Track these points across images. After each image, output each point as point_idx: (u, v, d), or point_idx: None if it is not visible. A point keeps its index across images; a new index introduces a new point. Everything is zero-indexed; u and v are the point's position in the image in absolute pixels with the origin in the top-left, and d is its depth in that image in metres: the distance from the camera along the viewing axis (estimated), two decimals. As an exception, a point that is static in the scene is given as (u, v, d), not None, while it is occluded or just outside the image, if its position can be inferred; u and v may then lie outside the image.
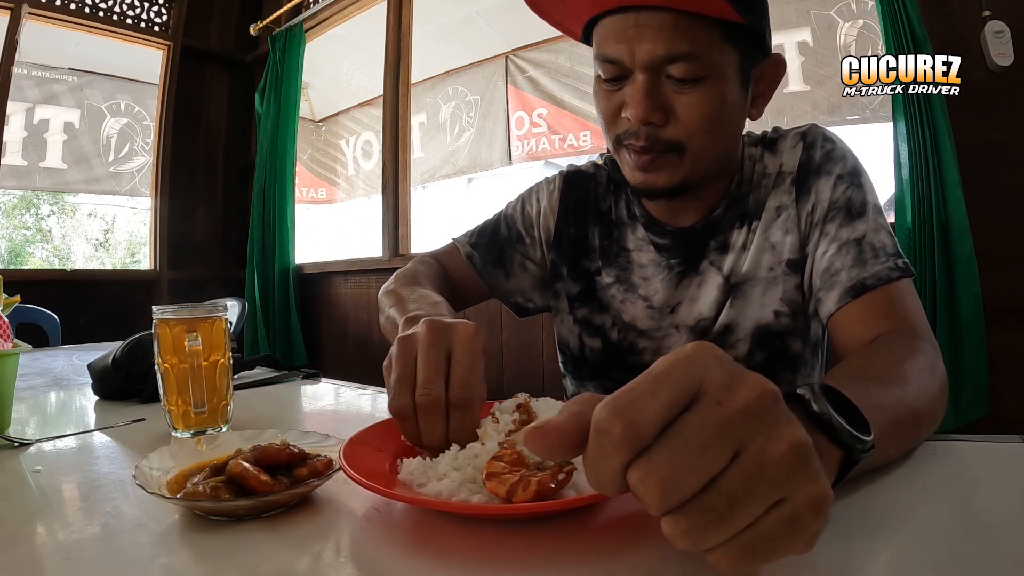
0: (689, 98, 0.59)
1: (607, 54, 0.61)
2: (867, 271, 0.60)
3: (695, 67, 0.58)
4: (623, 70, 0.61)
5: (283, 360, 1.44)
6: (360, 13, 3.02)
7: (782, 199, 0.68)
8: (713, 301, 0.70)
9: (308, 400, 0.85)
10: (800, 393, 0.34)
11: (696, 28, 0.57)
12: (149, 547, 0.35)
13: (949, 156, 1.47)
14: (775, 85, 0.67)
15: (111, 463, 0.52)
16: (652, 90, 0.59)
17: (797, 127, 0.72)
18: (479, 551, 0.33)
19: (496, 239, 0.83)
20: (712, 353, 0.25)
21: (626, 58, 0.59)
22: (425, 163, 3.04)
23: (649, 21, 0.57)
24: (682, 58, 0.58)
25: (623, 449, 0.23)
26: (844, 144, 0.69)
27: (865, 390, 0.40)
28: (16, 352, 0.62)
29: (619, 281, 0.76)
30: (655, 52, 0.58)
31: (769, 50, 0.65)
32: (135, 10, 3.17)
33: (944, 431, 0.50)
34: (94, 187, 3.24)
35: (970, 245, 1.45)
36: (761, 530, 0.23)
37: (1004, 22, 1.49)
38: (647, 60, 0.58)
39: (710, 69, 0.59)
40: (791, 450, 0.23)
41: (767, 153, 0.71)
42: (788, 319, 0.68)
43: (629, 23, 0.58)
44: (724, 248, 0.70)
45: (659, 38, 0.57)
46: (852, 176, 0.66)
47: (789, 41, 1.96)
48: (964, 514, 0.37)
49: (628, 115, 0.61)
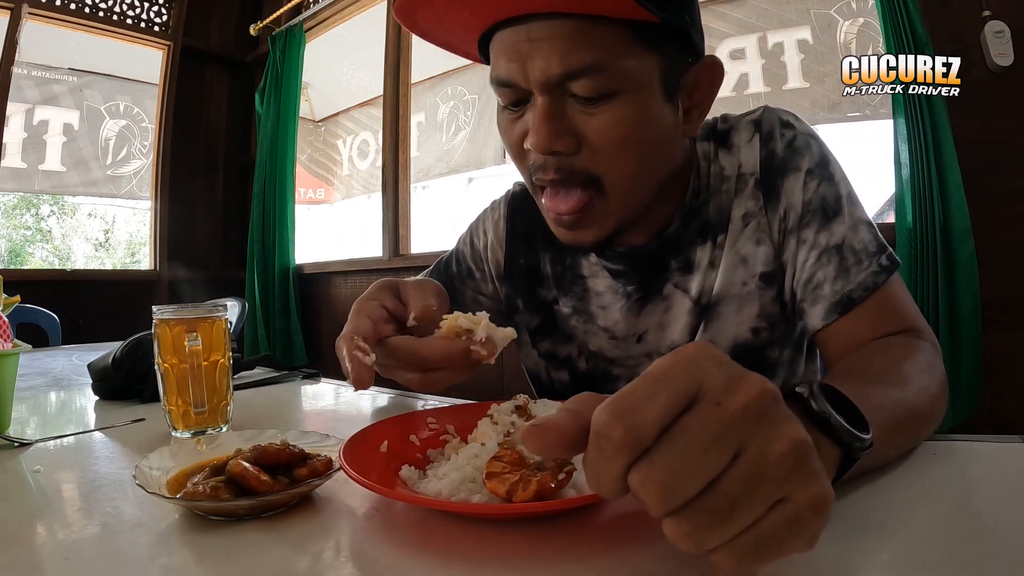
0: (599, 119, 0.51)
1: (500, 76, 0.53)
2: (852, 281, 0.56)
3: (602, 81, 0.49)
4: (521, 93, 0.53)
5: (283, 360, 1.44)
6: (360, 13, 3.02)
7: (748, 205, 0.61)
8: (684, 326, 0.64)
9: (308, 400, 0.85)
10: (799, 391, 0.34)
11: (599, 34, 0.48)
12: (149, 547, 0.35)
13: (951, 157, 1.47)
14: (713, 94, 0.57)
15: (111, 463, 0.52)
16: (554, 113, 0.51)
17: (749, 113, 0.64)
18: (479, 551, 0.33)
19: (447, 276, 0.79)
20: (711, 353, 0.25)
21: (520, 79, 0.51)
22: (420, 162, 3.04)
23: (541, 33, 0.49)
24: (584, 72, 0.49)
25: (624, 453, 0.23)
26: (804, 125, 0.62)
27: (865, 390, 0.40)
28: (16, 352, 0.62)
29: (577, 312, 0.70)
30: (550, 69, 0.49)
31: (700, 52, 0.56)
32: (135, 10, 3.17)
33: (941, 430, 0.50)
34: (92, 190, 3.24)
35: (971, 246, 1.45)
36: (763, 530, 0.23)
37: (1004, 22, 1.49)
38: (543, 79, 0.50)
39: (621, 81, 0.50)
40: (791, 450, 0.23)
41: (721, 151, 0.63)
42: (767, 332, 0.63)
43: (520, 37, 0.50)
44: (688, 267, 0.64)
45: (553, 52, 0.49)
46: (821, 168, 0.59)
47: (789, 39, 1.96)
48: (964, 514, 0.37)
49: (529, 144, 0.53)
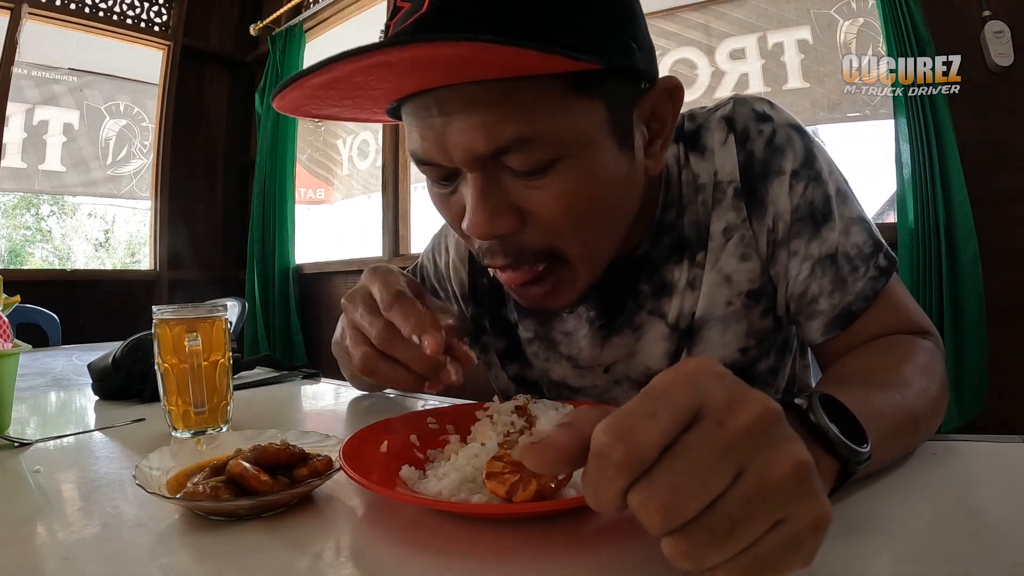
0: (542, 192, 0.44)
1: (417, 155, 0.46)
2: (850, 293, 0.53)
3: (537, 152, 0.42)
4: (447, 169, 0.46)
5: (283, 360, 1.44)
6: (360, 13, 3.01)
7: (728, 218, 0.56)
8: (663, 353, 0.59)
9: (308, 400, 0.84)
10: (798, 403, 0.34)
11: (524, 97, 0.41)
12: (149, 547, 0.35)
13: (953, 156, 1.47)
14: (674, 119, 0.50)
15: (111, 463, 0.52)
16: (489, 192, 0.44)
17: (718, 107, 0.58)
18: (479, 551, 0.33)
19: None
20: (713, 370, 0.25)
21: (442, 158, 0.44)
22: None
23: (455, 104, 0.42)
24: (514, 146, 0.42)
25: (624, 473, 0.23)
26: (781, 113, 0.56)
27: (865, 396, 0.40)
28: (16, 352, 0.62)
29: (538, 337, 0.65)
30: (475, 147, 0.42)
31: (653, 75, 0.47)
32: (135, 10, 3.17)
33: (944, 431, 0.50)
34: (92, 190, 3.25)
35: (975, 246, 1.45)
36: (762, 550, 0.23)
37: (1004, 22, 1.49)
38: (467, 158, 0.43)
39: (560, 147, 0.42)
40: (793, 471, 0.23)
41: (693, 155, 0.57)
42: (756, 348, 0.59)
43: (431, 111, 0.43)
44: (663, 290, 0.58)
45: (472, 127, 0.41)
46: (806, 167, 0.54)
47: (789, 39, 1.96)
48: (964, 514, 0.37)
49: (466, 230, 0.46)
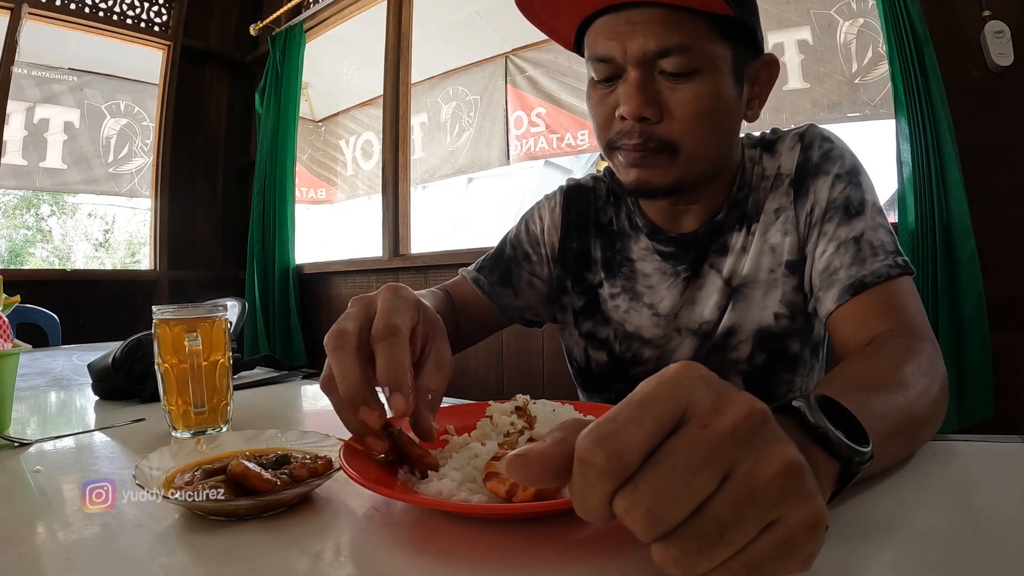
0: (683, 93, 0.59)
1: (599, 52, 0.61)
2: (866, 268, 0.60)
3: (688, 60, 0.58)
4: (616, 68, 0.61)
5: (283, 360, 1.44)
6: (360, 13, 3.01)
7: (780, 201, 0.69)
8: (715, 304, 0.70)
9: (308, 400, 0.85)
10: (796, 405, 0.33)
11: (687, 21, 0.58)
12: (149, 547, 0.35)
13: (951, 155, 1.47)
14: (769, 87, 0.67)
15: (111, 463, 0.52)
16: (646, 85, 0.59)
17: (796, 128, 0.72)
18: (479, 551, 0.33)
19: (501, 260, 0.84)
20: (698, 373, 0.24)
21: (618, 55, 0.60)
22: (425, 163, 3.04)
23: (639, 17, 0.58)
24: (674, 51, 0.58)
25: (608, 479, 0.23)
26: (843, 143, 0.69)
27: (865, 398, 0.40)
28: (16, 352, 0.62)
29: (624, 291, 0.76)
30: (647, 46, 0.58)
31: (762, 49, 0.65)
32: (135, 10, 3.17)
33: (946, 431, 0.50)
34: (93, 188, 3.24)
35: (972, 245, 1.45)
36: (754, 554, 0.22)
37: (1004, 22, 1.49)
38: (639, 55, 0.59)
39: (703, 62, 0.59)
40: (782, 471, 0.22)
41: (766, 155, 0.71)
42: (787, 320, 0.68)
43: (620, 20, 0.59)
44: (723, 250, 0.71)
45: (650, 32, 0.58)
46: (850, 175, 0.65)
47: (789, 39, 1.95)
48: (965, 514, 0.37)
49: (622, 112, 0.61)
